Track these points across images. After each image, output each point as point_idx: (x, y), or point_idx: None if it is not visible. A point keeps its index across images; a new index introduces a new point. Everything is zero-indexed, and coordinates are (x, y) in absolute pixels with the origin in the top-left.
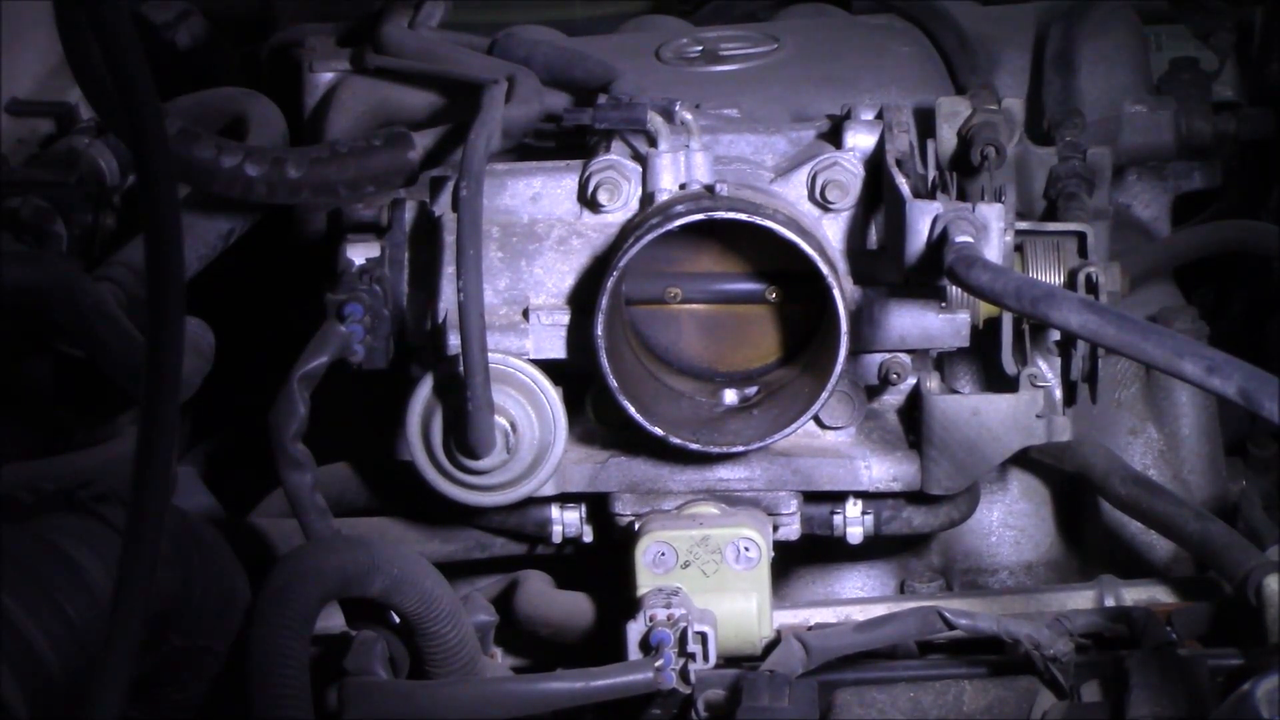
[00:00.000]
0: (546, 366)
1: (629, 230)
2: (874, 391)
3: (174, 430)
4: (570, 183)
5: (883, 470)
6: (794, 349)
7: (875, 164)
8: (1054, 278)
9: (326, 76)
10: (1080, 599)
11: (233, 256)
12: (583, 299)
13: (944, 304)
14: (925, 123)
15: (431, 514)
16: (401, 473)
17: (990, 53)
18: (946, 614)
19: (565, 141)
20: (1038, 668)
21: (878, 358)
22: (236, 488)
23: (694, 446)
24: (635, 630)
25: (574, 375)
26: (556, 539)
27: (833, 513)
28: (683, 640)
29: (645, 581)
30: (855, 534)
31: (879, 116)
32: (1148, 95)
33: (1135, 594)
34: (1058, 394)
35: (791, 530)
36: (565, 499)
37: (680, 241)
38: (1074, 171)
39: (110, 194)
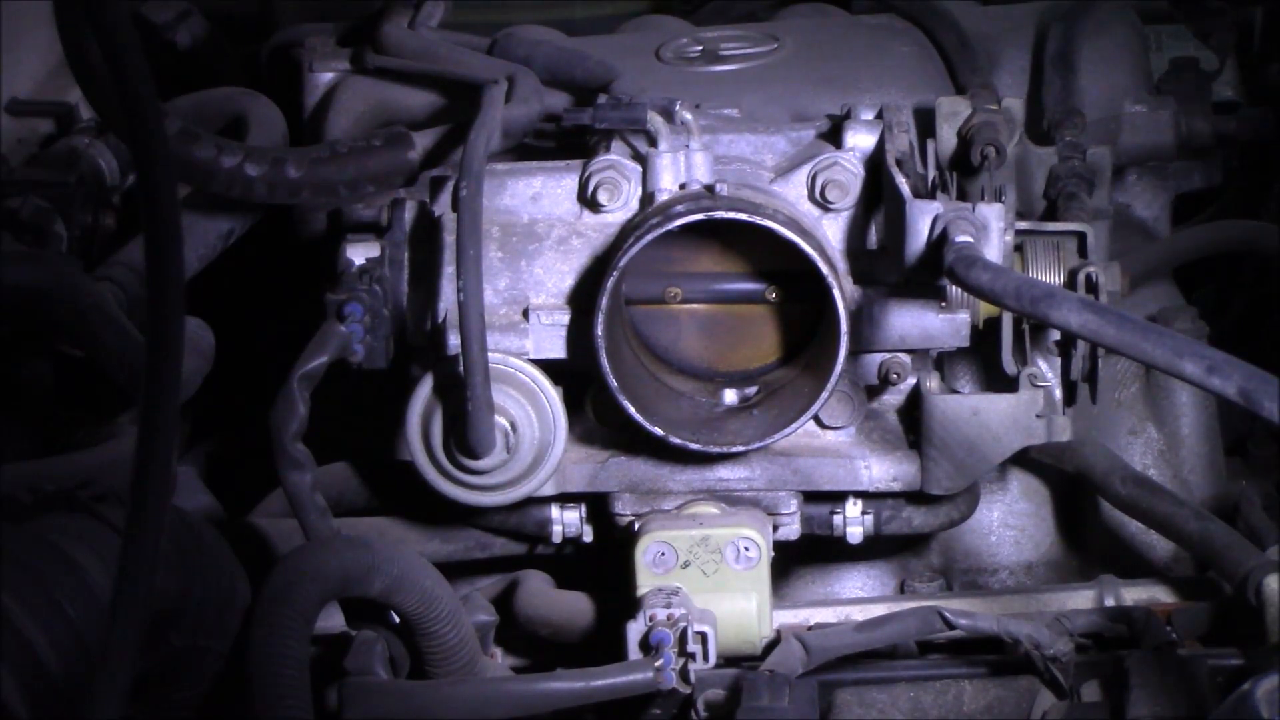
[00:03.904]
0: (546, 366)
1: (629, 230)
2: (874, 391)
3: (174, 430)
4: (570, 183)
5: (883, 470)
6: (794, 349)
7: (875, 164)
8: (1054, 278)
9: (326, 76)
10: (1080, 599)
11: (233, 256)
12: (583, 299)
13: (944, 304)
14: (925, 123)
15: (431, 514)
16: (401, 473)
17: (990, 53)
18: (946, 614)
19: (565, 141)
20: (1038, 668)
21: (878, 358)
22: (236, 488)
23: (694, 446)
24: (635, 630)
25: (574, 375)
26: (556, 539)
27: (833, 513)
28: (683, 640)
29: (645, 581)
30: (855, 534)
31: (879, 116)
32: (1148, 95)
33: (1135, 594)
34: (1058, 394)
35: (791, 530)
36: (565, 499)
37: (680, 241)
38: (1074, 171)
39: (110, 194)
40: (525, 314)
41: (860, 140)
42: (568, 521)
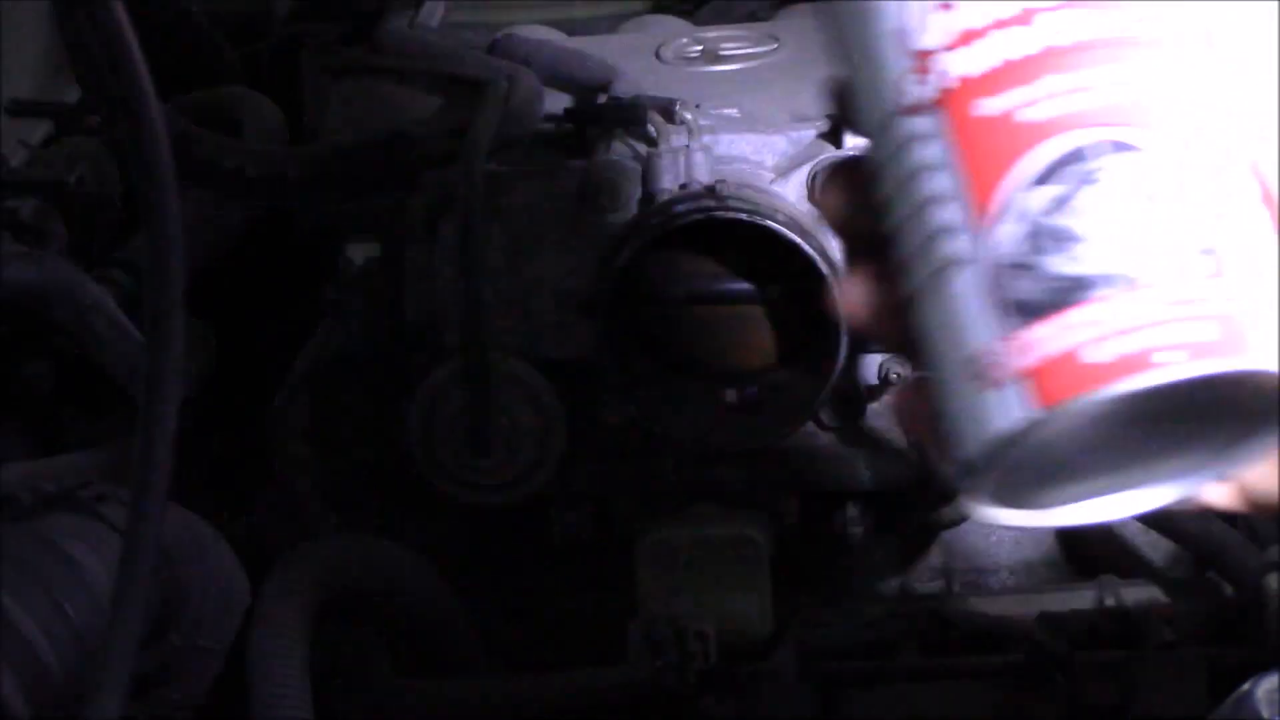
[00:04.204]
0: (547, 366)
1: (629, 230)
2: (874, 391)
3: (174, 430)
4: (570, 183)
5: (883, 470)
6: (794, 349)
7: None
8: None
9: (327, 77)
10: (1080, 599)
11: (233, 256)
12: (583, 299)
13: None
14: None
15: (431, 514)
16: (402, 473)
17: None
18: (947, 614)
19: (565, 141)
20: (1038, 668)
21: (878, 357)
22: (236, 488)
23: (695, 446)
24: (635, 630)
25: (574, 375)
26: (556, 539)
27: (833, 513)
28: (683, 640)
29: (645, 581)
30: (855, 534)
31: None
32: None
33: (1135, 594)
34: None
35: (791, 530)
36: (565, 499)
37: (680, 242)
38: None
39: (110, 194)
40: (525, 314)
41: (860, 140)
42: (568, 521)
